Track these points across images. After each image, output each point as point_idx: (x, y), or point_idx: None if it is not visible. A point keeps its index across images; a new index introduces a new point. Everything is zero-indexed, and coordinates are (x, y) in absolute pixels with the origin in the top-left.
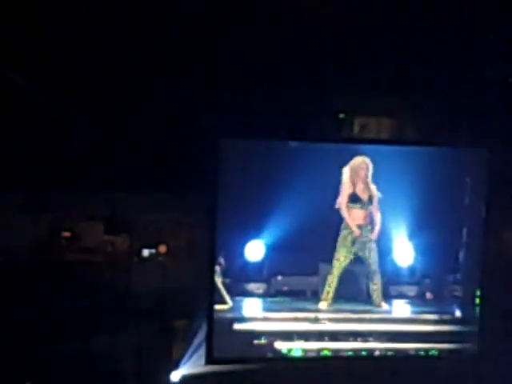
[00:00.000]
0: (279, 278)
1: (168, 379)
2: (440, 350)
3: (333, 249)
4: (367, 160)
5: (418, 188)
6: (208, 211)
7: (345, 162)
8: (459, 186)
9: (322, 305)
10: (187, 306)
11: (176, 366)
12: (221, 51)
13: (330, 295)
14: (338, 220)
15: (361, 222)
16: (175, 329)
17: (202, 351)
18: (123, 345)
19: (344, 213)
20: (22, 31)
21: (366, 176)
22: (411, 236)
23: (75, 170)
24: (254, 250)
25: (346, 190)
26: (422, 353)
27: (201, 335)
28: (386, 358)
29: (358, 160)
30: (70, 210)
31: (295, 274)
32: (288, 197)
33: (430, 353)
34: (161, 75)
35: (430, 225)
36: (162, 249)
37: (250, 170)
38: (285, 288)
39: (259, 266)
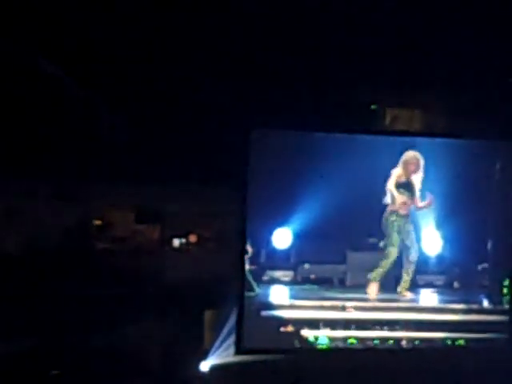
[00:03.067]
0: (306, 265)
1: (198, 369)
2: (467, 340)
3: (360, 237)
4: (418, 155)
5: (447, 178)
6: (238, 200)
7: (374, 153)
8: (487, 176)
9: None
10: (217, 296)
11: (206, 355)
12: (254, 42)
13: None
14: (366, 208)
15: (405, 210)
16: (205, 318)
17: (232, 341)
18: (153, 334)
19: (393, 196)
20: (64, 29)
21: (415, 170)
22: (439, 225)
23: (107, 160)
24: (282, 238)
25: (396, 176)
26: (449, 342)
27: (230, 325)
28: (412, 349)
29: (409, 154)
30: (102, 199)
31: (322, 262)
32: (315, 186)
33: (457, 342)
34: (193, 66)
35: (459, 214)
36: (193, 238)
37: (278, 159)
38: (312, 276)
39: (286, 253)
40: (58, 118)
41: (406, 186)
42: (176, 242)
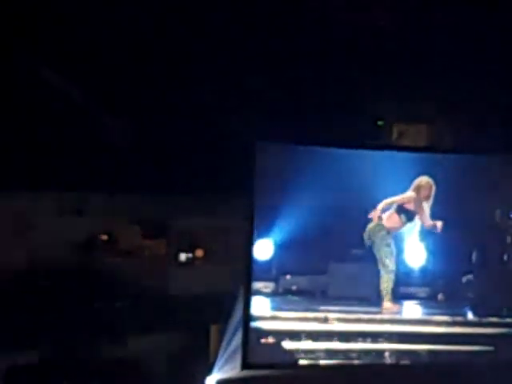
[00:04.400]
0: (287, 277)
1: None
2: (452, 352)
3: (342, 248)
4: (431, 181)
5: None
6: (244, 214)
7: (370, 167)
8: (472, 189)
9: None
10: (223, 310)
11: (211, 370)
12: (261, 54)
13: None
14: (349, 220)
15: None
16: (211, 333)
17: (237, 356)
18: (159, 349)
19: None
20: (61, 33)
21: (428, 196)
22: (423, 237)
23: (113, 174)
24: (263, 249)
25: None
26: (433, 355)
27: (235, 340)
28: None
29: (423, 180)
30: (108, 213)
31: (304, 273)
32: (298, 196)
33: (442, 355)
34: (198, 77)
35: (443, 226)
36: (199, 252)
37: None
38: (293, 287)
39: (267, 264)
40: (64, 130)
41: (409, 213)
42: (182, 257)
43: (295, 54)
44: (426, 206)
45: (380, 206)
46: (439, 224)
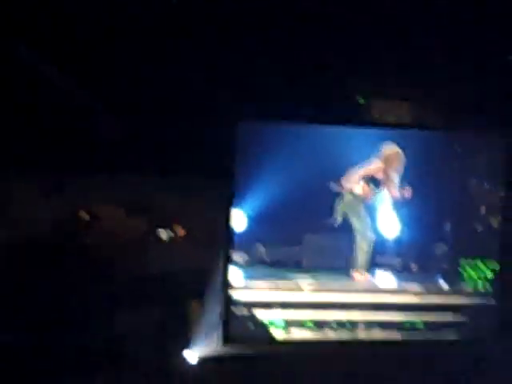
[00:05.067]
0: (261, 247)
1: (184, 360)
2: (425, 322)
3: (316, 220)
4: (400, 151)
5: (406, 162)
6: (224, 191)
7: (341, 140)
8: (445, 160)
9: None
10: (202, 286)
11: (191, 345)
12: (242, 34)
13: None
14: (323, 191)
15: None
16: (191, 309)
17: (216, 331)
18: (140, 326)
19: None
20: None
21: (397, 167)
22: (396, 207)
23: (94, 154)
24: (236, 220)
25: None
26: (407, 324)
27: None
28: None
29: (392, 151)
30: (89, 192)
31: (277, 244)
32: (272, 168)
33: (416, 324)
34: (179, 59)
35: (416, 196)
36: (178, 230)
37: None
38: (267, 258)
39: (241, 235)
40: (44, 110)
41: (377, 183)
42: (162, 234)
43: (270, 32)
44: (395, 177)
45: (353, 178)
46: (407, 191)
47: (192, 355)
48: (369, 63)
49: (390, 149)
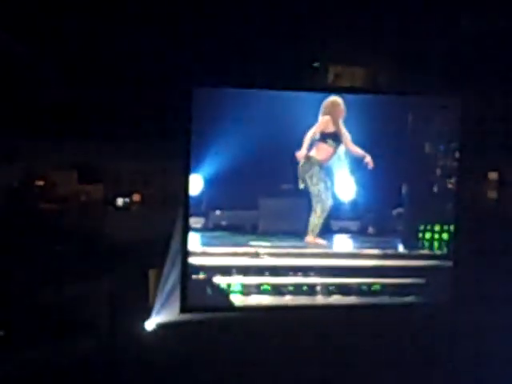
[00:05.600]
0: (217, 212)
1: (142, 327)
2: (383, 285)
3: (273, 183)
4: (339, 99)
5: (360, 125)
6: (180, 157)
7: (298, 108)
8: (400, 123)
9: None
10: (161, 254)
11: (150, 314)
12: (197, 1)
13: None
14: (279, 155)
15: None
16: (149, 277)
17: (175, 299)
18: (97, 294)
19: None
20: None
21: (341, 113)
22: (353, 171)
23: (48, 119)
24: (192, 184)
25: (323, 125)
26: (365, 288)
27: (172, 283)
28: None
29: (331, 101)
30: (44, 158)
31: (234, 208)
32: (228, 132)
33: (373, 288)
34: (134, 24)
35: (372, 160)
36: (136, 197)
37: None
38: (223, 222)
39: (197, 200)
40: None
41: (333, 136)
42: (119, 201)
43: None
44: (343, 127)
45: (305, 143)
46: (369, 160)
47: (150, 323)
48: (322, 27)
49: (328, 99)
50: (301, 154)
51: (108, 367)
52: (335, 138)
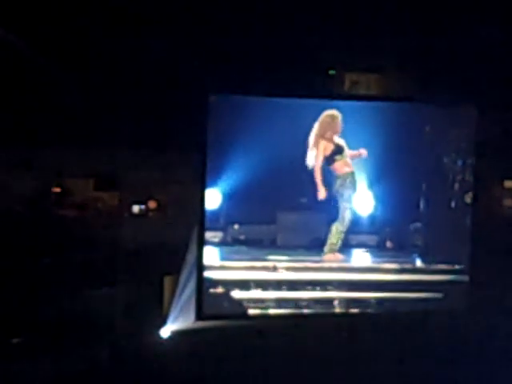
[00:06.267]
0: (236, 226)
1: (158, 335)
2: (401, 300)
3: (290, 197)
4: (336, 113)
5: (379, 140)
6: (197, 165)
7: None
8: (418, 138)
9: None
10: (177, 262)
11: (165, 321)
12: (214, 8)
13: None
14: (296, 169)
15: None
16: (164, 284)
17: (190, 307)
18: (113, 301)
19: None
20: None
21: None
22: (371, 185)
23: (66, 127)
24: (211, 199)
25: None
26: (382, 301)
27: (188, 291)
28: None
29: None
30: (61, 166)
31: (252, 222)
32: (246, 147)
33: (391, 302)
34: (152, 32)
35: (390, 175)
36: (152, 204)
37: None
38: (242, 237)
39: (216, 214)
40: (13, 85)
41: (337, 151)
42: (135, 208)
43: (244, 6)
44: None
45: (318, 181)
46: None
47: (166, 330)
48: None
49: (327, 112)
50: (321, 194)
51: (123, 374)
52: (339, 151)
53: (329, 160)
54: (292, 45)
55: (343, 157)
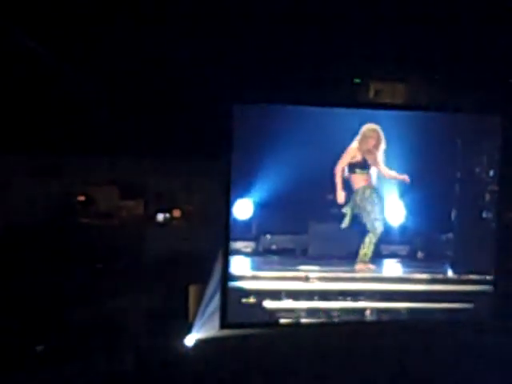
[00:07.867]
0: (268, 236)
1: (182, 343)
2: (431, 310)
3: (322, 208)
4: (378, 128)
5: (410, 150)
6: (222, 174)
7: (350, 128)
8: (451, 147)
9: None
10: (201, 270)
11: (190, 330)
12: (238, 19)
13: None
14: (328, 179)
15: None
16: (190, 293)
17: (216, 316)
18: (138, 309)
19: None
20: None
21: (376, 145)
22: (403, 195)
23: (91, 135)
24: (243, 209)
25: (350, 156)
26: (413, 311)
27: (214, 300)
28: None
29: (367, 129)
30: (86, 174)
31: (284, 232)
32: (278, 156)
33: (422, 312)
34: (177, 42)
35: (422, 184)
36: (177, 213)
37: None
38: (273, 247)
39: (247, 224)
40: (40, 93)
41: (360, 165)
42: (160, 217)
43: (268, 14)
44: (379, 154)
45: (339, 185)
46: (405, 177)
47: (190, 338)
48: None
49: (366, 127)
50: (340, 198)
51: (148, 382)
52: (362, 165)
53: (351, 168)
54: (317, 53)
55: (364, 173)
